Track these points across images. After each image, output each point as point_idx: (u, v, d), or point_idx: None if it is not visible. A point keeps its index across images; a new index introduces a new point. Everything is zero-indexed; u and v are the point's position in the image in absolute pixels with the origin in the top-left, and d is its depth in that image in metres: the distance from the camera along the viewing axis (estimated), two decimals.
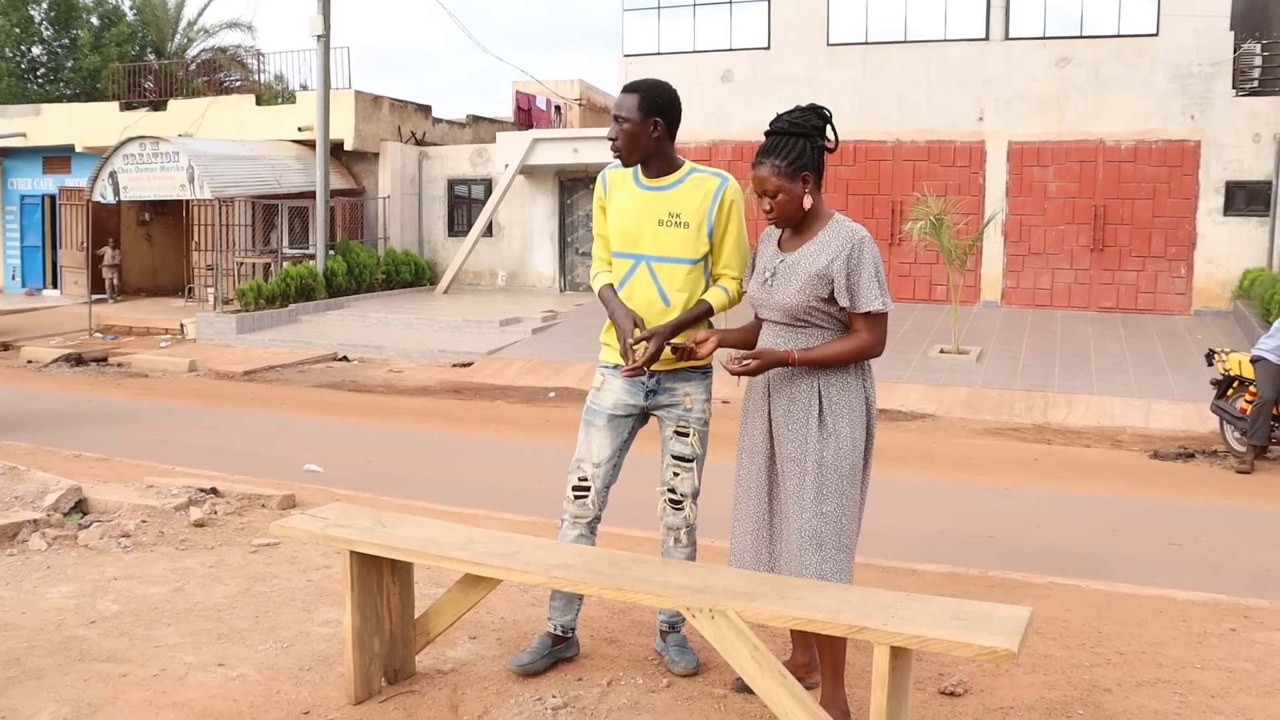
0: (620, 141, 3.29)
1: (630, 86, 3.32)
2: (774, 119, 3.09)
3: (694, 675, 3.38)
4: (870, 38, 16.62)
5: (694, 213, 3.31)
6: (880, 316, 3.08)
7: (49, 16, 26.60)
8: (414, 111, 20.99)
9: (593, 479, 3.43)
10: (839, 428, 3.03)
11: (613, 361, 3.44)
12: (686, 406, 3.38)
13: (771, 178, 3.05)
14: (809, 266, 3.06)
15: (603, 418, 3.43)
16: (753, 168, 3.09)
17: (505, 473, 7.26)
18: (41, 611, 3.98)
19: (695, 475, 3.43)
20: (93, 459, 7.36)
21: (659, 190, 3.33)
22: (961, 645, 2.46)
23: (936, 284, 16.07)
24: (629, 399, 3.41)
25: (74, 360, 14.16)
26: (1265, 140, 14.79)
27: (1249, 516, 6.89)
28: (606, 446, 3.42)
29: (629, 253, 3.37)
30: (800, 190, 3.05)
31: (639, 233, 3.34)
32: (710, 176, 3.35)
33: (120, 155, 17.03)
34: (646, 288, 3.34)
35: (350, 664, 3.23)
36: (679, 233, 3.31)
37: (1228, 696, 3.35)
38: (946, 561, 5.15)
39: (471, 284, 20.02)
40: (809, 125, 3.06)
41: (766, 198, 3.07)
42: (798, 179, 3.04)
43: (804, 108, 3.10)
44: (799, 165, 3.03)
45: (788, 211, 3.07)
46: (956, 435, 9.74)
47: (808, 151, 3.05)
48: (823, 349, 3.05)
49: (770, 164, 3.05)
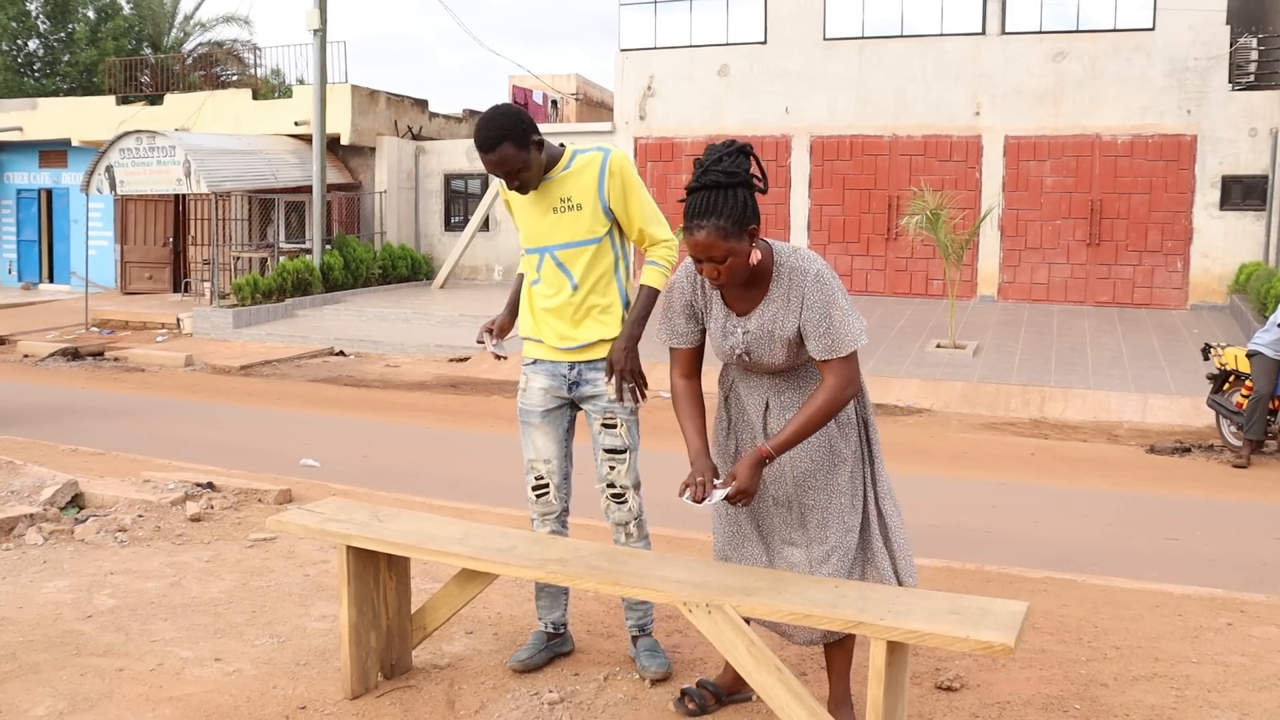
0: (522, 183, 3.24)
1: (489, 138, 3.12)
2: (699, 171, 2.71)
3: (665, 680, 3.36)
4: (867, 32, 16.61)
5: (584, 192, 3.30)
6: (850, 354, 2.77)
7: (45, 10, 26.50)
8: (410, 106, 20.94)
9: (548, 475, 3.44)
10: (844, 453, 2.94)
11: (531, 356, 3.46)
12: (611, 397, 3.35)
13: (719, 241, 2.66)
14: (782, 331, 2.80)
15: (536, 415, 3.44)
16: (686, 234, 2.72)
17: (502, 467, 7.25)
18: (38, 606, 3.98)
19: (631, 466, 3.38)
20: (89, 453, 7.35)
21: (547, 181, 3.31)
22: (958, 640, 2.46)
23: (933, 278, 16.08)
24: (555, 392, 3.42)
25: (70, 354, 14.15)
26: (1261, 134, 14.80)
27: (1245, 511, 6.90)
28: (550, 442, 3.44)
29: (535, 248, 3.40)
30: (748, 247, 2.71)
31: (538, 226, 3.36)
32: (594, 153, 3.32)
33: (116, 149, 16.97)
34: (555, 276, 3.36)
35: (347, 659, 3.23)
36: (573, 216, 3.31)
37: (1224, 691, 3.36)
38: (943, 556, 5.15)
39: (468, 279, 20.00)
40: (742, 171, 2.71)
41: (711, 264, 2.71)
42: (745, 235, 2.69)
43: (727, 151, 2.72)
44: (744, 220, 2.68)
45: (738, 274, 2.74)
46: (953, 430, 9.74)
47: (748, 201, 2.71)
48: (796, 426, 2.75)
49: (712, 226, 2.66)
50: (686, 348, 3.01)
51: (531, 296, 3.46)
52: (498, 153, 3.16)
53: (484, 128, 3.17)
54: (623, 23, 17.95)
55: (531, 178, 3.25)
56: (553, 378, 3.41)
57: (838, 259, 16.85)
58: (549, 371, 3.42)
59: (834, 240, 16.87)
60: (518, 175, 3.22)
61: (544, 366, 3.42)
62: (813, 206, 16.94)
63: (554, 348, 3.39)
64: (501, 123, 3.16)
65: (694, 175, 2.73)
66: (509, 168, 3.19)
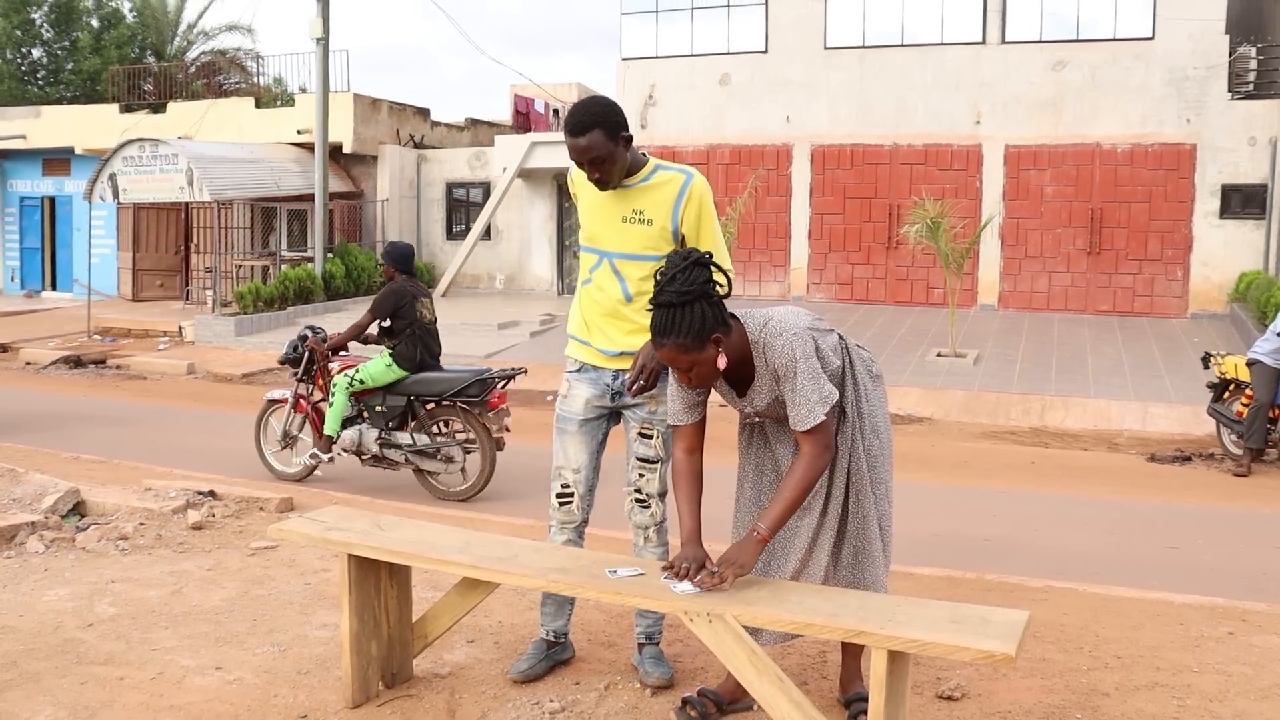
0: (603, 176, 3.22)
1: (582, 123, 3.13)
2: (657, 290, 2.77)
3: (668, 688, 3.36)
4: (867, 41, 16.65)
5: (658, 209, 3.29)
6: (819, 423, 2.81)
7: (49, 19, 26.58)
8: (412, 114, 21.00)
9: (574, 485, 3.45)
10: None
11: (579, 362, 3.46)
12: (651, 409, 3.37)
13: (680, 356, 2.78)
14: (761, 402, 2.93)
15: (574, 424, 3.44)
16: (655, 347, 2.83)
17: (502, 476, 7.26)
18: (39, 614, 3.98)
19: (660, 476, 3.41)
20: (91, 461, 7.35)
21: (624, 188, 3.30)
22: (959, 649, 2.46)
23: (934, 287, 16.09)
24: (597, 402, 3.43)
25: (72, 362, 14.16)
26: (1261, 143, 14.82)
27: (1246, 519, 6.90)
28: (583, 452, 3.45)
29: (594, 249, 3.39)
30: (714, 354, 2.79)
31: (603, 230, 3.35)
32: (676, 174, 3.31)
33: (119, 157, 17.02)
34: (610, 282, 3.35)
35: (348, 667, 3.23)
36: (642, 229, 3.30)
37: (1225, 700, 3.36)
38: (944, 565, 5.15)
39: (470, 287, 20.02)
40: (698, 284, 2.74)
41: (681, 372, 2.85)
42: (708, 345, 2.77)
43: (680, 265, 2.76)
44: (704, 332, 2.75)
45: (707, 380, 2.86)
46: (954, 438, 9.74)
47: (708, 313, 2.75)
48: (784, 502, 2.80)
49: (672, 344, 2.75)
50: (689, 424, 3.04)
51: (582, 297, 3.46)
52: (588, 137, 3.14)
53: (578, 112, 3.17)
54: (624, 32, 18.00)
55: (614, 173, 3.22)
56: (596, 386, 3.42)
57: (839, 268, 16.88)
58: (593, 380, 3.42)
59: (835, 249, 16.89)
60: (600, 166, 3.19)
61: (589, 374, 3.43)
62: (814, 215, 16.96)
63: (601, 351, 3.39)
64: (596, 110, 3.17)
65: (654, 290, 2.79)
66: (594, 154, 3.16)
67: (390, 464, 7.00)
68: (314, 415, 7.28)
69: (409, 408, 6.97)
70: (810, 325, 2.92)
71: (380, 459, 6.99)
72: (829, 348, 2.95)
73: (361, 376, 6.92)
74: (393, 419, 6.98)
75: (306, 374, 7.29)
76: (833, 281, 16.97)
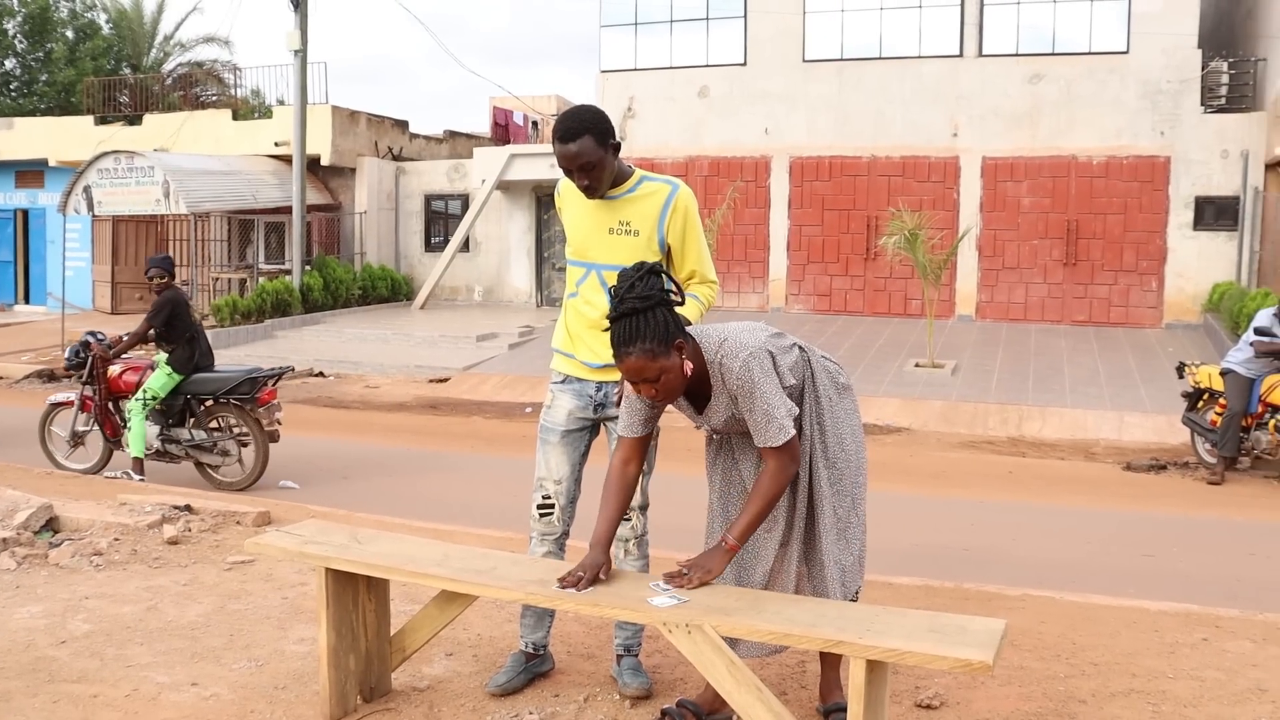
0: (591, 183, 3.23)
1: (572, 129, 3.15)
2: (615, 301, 2.77)
3: (647, 699, 3.36)
4: (846, 54, 16.77)
5: (644, 221, 3.31)
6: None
7: (23, 29, 26.41)
8: (391, 127, 20.97)
9: (556, 496, 3.45)
10: None
11: (562, 374, 3.46)
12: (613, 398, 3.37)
13: (649, 364, 2.72)
14: (718, 419, 2.93)
15: (556, 434, 3.44)
16: (617, 361, 2.79)
17: (481, 488, 7.22)
18: (10, 632, 3.93)
19: (641, 489, 3.40)
20: (64, 476, 7.28)
21: (610, 199, 3.32)
22: (937, 658, 2.47)
23: (911, 298, 16.18)
24: (580, 413, 3.43)
25: (46, 376, 14.01)
26: (1233, 156, 15.02)
27: (1220, 527, 6.96)
28: (565, 463, 3.45)
29: (582, 261, 3.40)
30: (679, 361, 2.77)
31: (590, 241, 3.36)
32: (661, 185, 3.33)
33: (95, 170, 16.89)
34: (597, 295, 3.35)
35: (326, 682, 3.21)
36: (629, 240, 3.31)
37: (1200, 706, 3.39)
38: (922, 574, 5.17)
39: (448, 299, 19.98)
40: (657, 291, 2.75)
41: (648, 384, 2.78)
42: (673, 351, 2.75)
43: (638, 276, 2.77)
44: (669, 337, 2.74)
45: (675, 390, 2.81)
46: (931, 449, 9.79)
47: (669, 318, 2.75)
48: (752, 514, 2.85)
49: (639, 350, 2.71)
50: (633, 437, 3.05)
51: (568, 310, 3.47)
52: (578, 143, 3.15)
53: (568, 119, 3.18)
54: (603, 44, 18.06)
55: (602, 180, 3.23)
56: (579, 398, 3.43)
57: (817, 279, 16.95)
58: (576, 392, 3.43)
59: (813, 260, 16.97)
60: (590, 173, 3.20)
61: (572, 386, 3.44)
62: (792, 227, 17.04)
63: (585, 364, 3.40)
64: (586, 116, 3.19)
65: (611, 306, 2.78)
66: (584, 160, 3.17)
67: (172, 458, 7.55)
68: (101, 413, 7.67)
69: (186, 406, 7.53)
70: (766, 341, 2.91)
71: (162, 453, 7.53)
72: (787, 367, 2.94)
73: (151, 394, 7.40)
74: (172, 416, 7.54)
75: (91, 377, 7.68)
76: (811, 293, 17.04)
